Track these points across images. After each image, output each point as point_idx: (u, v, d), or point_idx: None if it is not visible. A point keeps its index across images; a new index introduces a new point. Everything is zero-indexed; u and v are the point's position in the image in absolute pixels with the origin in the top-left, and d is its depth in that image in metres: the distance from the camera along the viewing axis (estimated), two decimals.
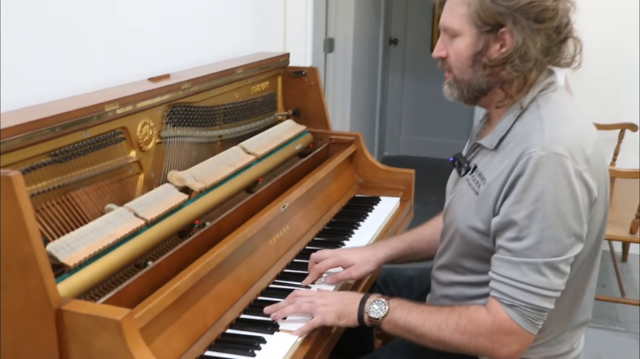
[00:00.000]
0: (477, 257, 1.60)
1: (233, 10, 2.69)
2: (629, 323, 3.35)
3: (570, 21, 1.54)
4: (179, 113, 1.93)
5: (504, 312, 1.47)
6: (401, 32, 6.29)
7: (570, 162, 1.43)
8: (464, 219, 1.60)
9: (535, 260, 1.44)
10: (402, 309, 1.58)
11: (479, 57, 1.53)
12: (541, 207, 1.42)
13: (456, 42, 1.55)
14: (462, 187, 1.66)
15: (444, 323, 1.52)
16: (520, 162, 1.45)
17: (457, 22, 1.54)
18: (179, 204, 1.71)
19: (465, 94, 1.60)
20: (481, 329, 1.49)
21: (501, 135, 1.56)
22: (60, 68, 1.75)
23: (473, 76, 1.56)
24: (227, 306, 1.63)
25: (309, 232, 2.14)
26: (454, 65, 1.58)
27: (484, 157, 1.62)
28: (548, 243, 1.43)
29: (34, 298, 1.22)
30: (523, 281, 1.45)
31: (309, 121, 2.61)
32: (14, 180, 1.18)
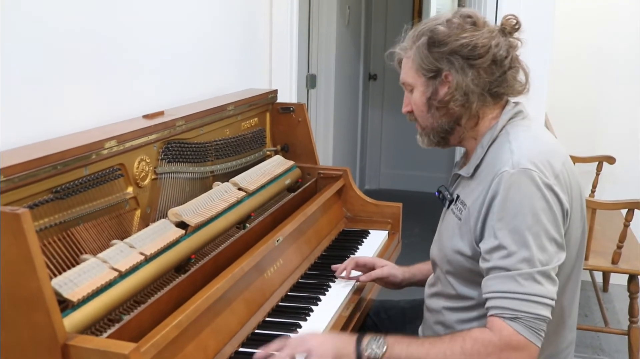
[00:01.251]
0: (465, 280, 1.66)
1: (221, 48, 2.74)
2: (613, 352, 3.40)
3: (510, 54, 1.65)
4: (174, 150, 1.96)
5: (508, 326, 1.48)
6: (380, 67, 6.38)
7: (539, 175, 1.51)
8: (450, 245, 1.67)
9: (529, 271, 1.48)
10: (400, 344, 1.55)
11: (432, 102, 1.68)
12: (522, 221, 1.49)
13: (414, 94, 1.71)
14: (448, 218, 1.74)
15: (448, 349, 1.51)
16: (494, 183, 1.54)
17: (409, 77, 1.71)
18: (176, 239, 1.73)
19: (433, 138, 1.74)
20: (489, 349, 1.48)
21: (476, 164, 1.66)
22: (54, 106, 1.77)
23: (432, 120, 1.70)
24: (226, 339, 1.64)
25: (302, 266, 2.17)
26: (417, 114, 1.73)
27: (464, 187, 1.71)
28: (537, 253, 1.49)
29: (40, 334, 1.23)
30: (521, 291, 1.48)
31: (297, 156, 2.65)
32: (22, 217, 1.19)
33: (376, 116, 6.49)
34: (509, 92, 1.68)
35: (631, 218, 3.04)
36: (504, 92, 1.68)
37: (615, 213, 3.56)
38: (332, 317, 1.88)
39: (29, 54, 1.67)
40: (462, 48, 1.61)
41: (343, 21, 5.06)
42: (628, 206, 3.04)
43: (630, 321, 3.10)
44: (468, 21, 1.65)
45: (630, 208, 3.03)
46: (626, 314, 3.21)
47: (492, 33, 1.64)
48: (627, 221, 3.04)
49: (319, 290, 2.03)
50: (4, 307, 1.24)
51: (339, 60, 4.93)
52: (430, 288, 1.83)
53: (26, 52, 1.66)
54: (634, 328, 3.08)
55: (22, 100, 1.66)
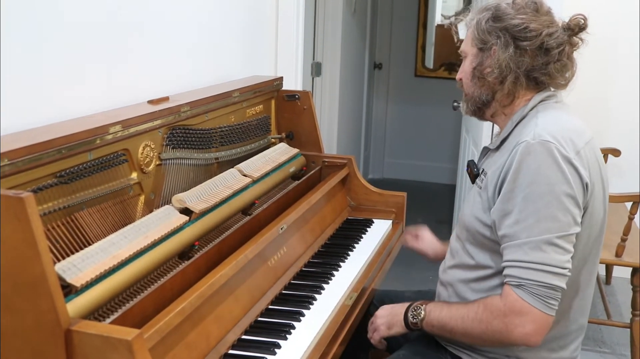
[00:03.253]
0: (483, 248, 1.70)
1: (227, 35, 2.73)
2: (615, 345, 3.40)
3: (563, 48, 1.70)
4: (179, 136, 1.95)
5: (513, 293, 1.56)
6: (385, 56, 6.37)
7: (557, 147, 1.56)
8: (470, 212, 1.73)
9: (535, 239, 1.54)
10: (436, 310, 1.74)
11: (476, 72, 1.76)
12: (536, 189, 1.54)
13: (465, 63, 1.81)
14: (472, 191, 1.79)
15: (466, 314, 1.64)
16: (513, 152, 1.59)
17: (466, 45, 1.80)
18: (180, 225, 1.73)
19: (470, 107, 1.82)
20: (495, 313, 1.58)
21: (504, 137, 1.73)
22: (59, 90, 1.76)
23: (474, 89, 1.78)
24: (229, 326, 1.64)
25: (305, 254, 2.16)
26: (465, 83, 1.82)
27: (489, 159, 1.78)
28: (546, 222, 1.53)
29: (44, 319, 1.23)
30: (526, 259, 1.54)
31: (301, 144, 2.64)
32: (26, 201, 1.18)
33: (381, 105, 6.48)
34: (549, 81, 1.74)
35: (636, 211, 3.03)
36: (543, 80, 1.72)
37: (620, 206, 3.55)
38: (336, 306, 1.88)
39: (33, 39, 1.66)
40: (514, 27, 1.68)
41: (349, 9, 5.03)
42: (633, 199, 3.03)
43: (632, 314, 3.10)
44: (531, 5, 1.71)
45: (634, 201, 3.02)
46: (629, 307, 3.20)
47: (550, 22, 1.71)
48: (631, 214, 3.03)
49: (322, 279, 2.03)
50: (8, 292, 1.23)
51: (345, 48, 4.91)
52: (446, 262, 1.88)
53: (30, 37, 1.65)
54: (636, 320, 3.07)
55: (27, 85, 1.65)
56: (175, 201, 1.80)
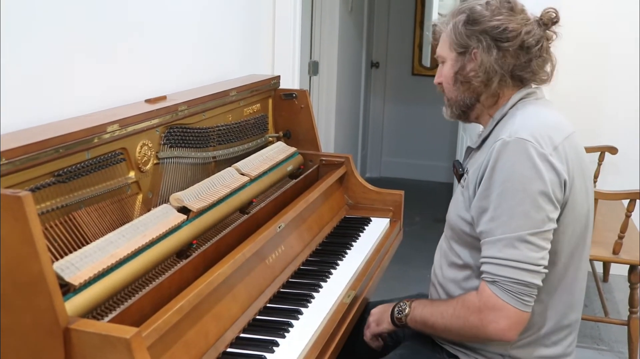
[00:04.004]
0: (467, 246, 1.72)
1: (224, 34, 2.73)
2: (612, 342, 3.41)
3: (541, 44, 1.72)
4: (176, 135, 1.95)
5: (488, 289, 1.59)
6: (382, 55, 6.37)
7: (533, 145, 1.57)
8: (454, 211, 1.75)
9: (508, 236, 1.56)
10: (419, 307, 1.77)
11: (458, 76, 1.76)
12: (509, 186, 1.56)
13: (444, 67, 1.80)
14: (457, 189, 1.81)
15: (445, 311, 1.67)
16: (491, 150, 1.61)
17: (443, 50, 1.79)
18: (178, 224, 1.73)
19: (455, 111, 1.83)
20: (471, 309, 1.62)
21: (484, 136, 1.75)
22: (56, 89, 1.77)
23: (457, 93, 1.79)
24: (227, 325, 1.64)
25: (303, 252, 2.17)
26: (445, 87, 1.82)
27: (471, 158, 1.79)
28: (518, 219, 1.55)
29: (42, 317, 1.23)
30: (500, 256, 1.57)
31: (299, 143, 2.65)
32: (24, 200, 1.18)
33: (378, 104, 6.48)
34: (532, 78, 1.76)
35: (633, 209, 3.03)
36: (527, 78, 1.74)
37: (617, 204, 3.56)
38: (333, 304, 1.88)
39: (31, 38, 1.66)
40: (493, 29, 1.68)
41: (346, 8, 5.03)
42: (630, 197, 3.04)
43: (630, 312, 3.10)
44: (505, 5, 1.72)
45: (631, 198, 3.03)
46: (626, 304, 3.21)
47: (526, 21, 1.71)
48: (628, 212, 3.04)
49: (320, 277, 2.03)
50: (6, 290, 1.23)
51: (342, 47, 4.91)
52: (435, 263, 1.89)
53: (28, 36, 1.65)
54: (633, 318, 3.08)
55: (25, 84, 1.65)
56: (173, 200, 1.81)
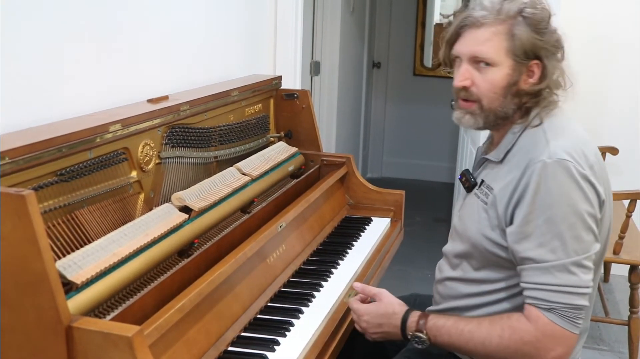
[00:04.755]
0: (490, 265, 1.66)
1: (226, 34, 2.74)
2: (613, 342, 3.41)
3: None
4: (178, 134, 1.96)
5: (544, 317, 1.52)
6: (384, 55, 6.38)
7: (575, 166, 1.51)
8: (477, 229, 1.66)
9: (562, 262, 1.51)
10: (442, 336, 1.63)
11: (512, 87, 1.62)
12: (558, 211, 1.50)
13: (491, 73, 1.61)
14: (471, 201, 1.73)
15: (487, 339, 1.57)
16: (528, 172, 1.54)
17: (495, 54, 1.60)
18: (179, 223, 1.74)
19: (491, 121, 1.66)
20: (525, 338, 1.53)
21: (507, 149, 1.65)
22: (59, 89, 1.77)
23: (502, 104, 1.63)
24: (229, 324, 1.65)
25: (304, 252, 2.17)
26: (484, 94, 1.63)
27: (490, 170, 1.70)
28: (572, 244, 1.50)
29: (45, 315, 1.24)
30: (555, 283, 1.51)
31: (300, 143, 2.65)
32: (28, 199, 1.19)
33: (379, 104, 6.49)
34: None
35: (633, 209, 3.04)
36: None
37: (618, 204, 3.56)
38: (334, 303, 1.89)
39: (32, 36, 1.67)
40: (557, 43, 1.62)
41: (347, 8, 5.04)
42: (630, 197, 3.04)
43: (630, 312, 3.11)
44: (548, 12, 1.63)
45: (632, 199, 3.03)
46: (627, 304, 3.22)
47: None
48: (629, 212, 3.05)
49: (321, 276, 2.04)
50: (9, 289, 1.24)
51: (343, 47, 4.92)
52: (444, 272, 1.82)
53: (30, 34, 1.66)
54: (634, 318, 3.08)
55: (27, 83, 1.66)
56: (175, 200, 1.82)
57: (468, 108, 1.67)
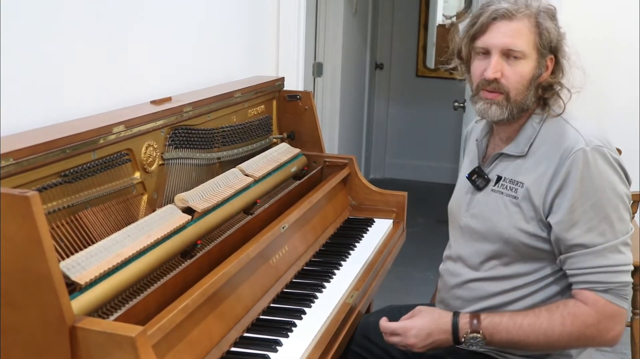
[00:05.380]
0: (523, 259, 1.69)
1: (229, 35, 2.74)
2: None
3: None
4: (181, 136, 1.97)
5: (602, 299, 1.58)
6: (386, 57, 6.38)
7: (609, 151, 1.60)
8: (509, 224, 1.68)
9: (613, 243, 1.58)
10: (499, 333, 1.64)
11: (535, 80, 1.68)
12: (602, 195, 1.57)
13: (521, 65, 1.66)
14: (490, 199, 1.74)
15: (549, 329, 1.60)
16: (567, 161, 1.59)
17: (526, 46, 1.66)
18: (182, 224, 1.74)
19: (515, 113, 1.70)
20: (588, 322, 1.58)
21: (530, 141, 1.69)
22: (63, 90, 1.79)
23: (526, 96, 1.69)
24: (231, 324, 1.66)
25: (307, 253, 2.18)
26: (513, 86, 1.67)
27: (509, 164, 1.73)
28: (618, 224, 1.58)
29: (48, 316, 1.24)
30: (609, 264, 1.58)
31: (303, 144, 2.66)
32: (32, 200, 1.20)
33: (382, 105, 6.49)
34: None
35: (636, 210, 3.04)
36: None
37: None
38: (337, 304, 1.89)
39: (36, 39, 1.67)
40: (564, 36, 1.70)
41: (350, 9, 5.05)
42: (634, 199, 3.04)
43: (633, 313, 3.11)
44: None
45: (634, 200, 3.04)
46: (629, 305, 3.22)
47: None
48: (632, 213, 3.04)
49: (323, 277, 2.05)
50: (13, 289, 1.25)
51: (346, 48, 4.93)
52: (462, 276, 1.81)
53: (33, 37, 1.67)
54: (636, 319, 3.08)
55: (31, 85, 1.67)
56: (178, 201, 1.82)
57: (494, 99, 1.69)
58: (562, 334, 1.60)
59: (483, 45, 1.68)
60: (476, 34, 1.69)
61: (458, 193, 1.89)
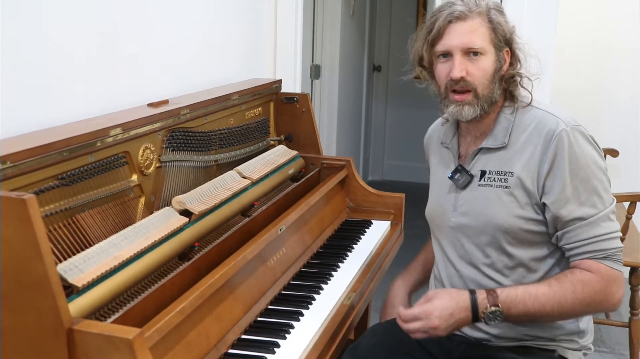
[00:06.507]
0: (523, 244, 1.74)
1: (226, 38, 2.75)
2: (613, 344, 3.42)
3: None
4: (178, 138, 1.97)
5: (603, 265, 1.66)
6: (384, 59, 6.39)
7: (584, 129, 1.70)
8: (506, 213, 1.74)
9: (604, 212, 1.67)
10: (517, 306, 1.66)
11: (497, 73, 1.75)
12: (588, 170, 1.66)
13: (482, 61, 1.73)
14: (478, 194, 1.78)
15: (563, 297, 1.66)
16: (552, 143, 1.68)
17: (484, 42, 1.73)
18: (180, 227, 1.74)
19: (485, 109, 1.76)
20: (596, 287, 1.66)
21: (508, 132, 1.75)
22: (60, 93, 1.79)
23: (492, 90, 1.74)
24: (229, 326, 1.66)
25: (304, 255, 2.18)
26: (479, 82, 1.73)
27: (491, 158, 1.78)
28: (605, 194, 1.68)
29: (46, 318, 1.24)
30: (604, 232, 1.67)
31: (300, 146, 2.66)
32: (29, 203, 1.20)
33: (380, 107, 6.50)
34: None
35: (633, 211, 3.04)
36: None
37: (618, 206, 3.55)
38: (334, 306, 1.90)
39: (34, 42, 1.68)
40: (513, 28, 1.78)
41: (348, 12, 5.05)
42: (630, 199, 3.05)
43: (631, 314, 3.11)
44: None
45: (632, 201, 3.04)
46: (627, 306, 3.22)
47: None
48: (629, 214, 3.05)
49: (321, 279, 2.05)
50: (10, 292, 1.25)
51: (343, 51, 4.94)
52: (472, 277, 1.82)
53: (31, 40, 1.67)
54: (635, 320, 3.09)
55: (28, 88, 1.67)
56: (175, 203, 1.82)
57: (464, 99, 1.74)
58: (575, 302, 1.65)
59: (443, 48, 1.74)
60: (435, 39, 1.75)
61: (437, 197, 1.90)
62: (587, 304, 1.67)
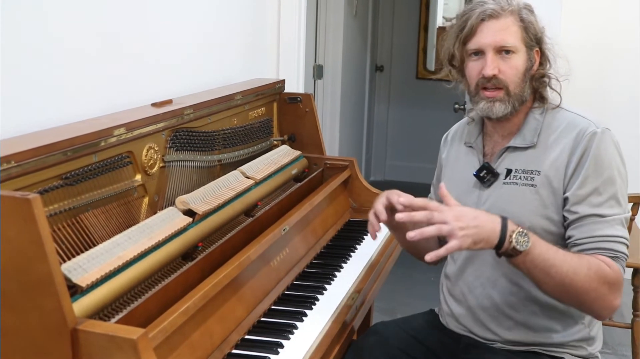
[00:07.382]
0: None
1: (230, 38, 2.75)
2: (616, 346, 3.41)
3: None
4: (182, 138, 1.97)
5: (615, 264, 1.64)
6: (387, 59, 6.39)
7: (613, 135, 1.71)
8: (531, 212, 1.72)
9: (620, 216, 1.67)
10: (541, 246, 1.59)
11: (528, 72, 1.75)
12: (612, 173, 1.67)
13: (514, 59, 1.73)
14: (503, 192, 1.76)
15: (578, 267, 1.61)
16: (582, 142, 1.68)
17: (516, 41, 1.72)
18: (183, 227, 1.74)
19: (516, 107, 1.75)
20: (608, 277, 1.62)
21: (537, 131, 1.75)
22: (64, 93, 1.79)
23: (522, 89, 1.74)
24: (232, 326, 1.66)
25: (307, 255, 2.18)
26: (511, 80, 1.73)
27: (518, 157, 1.77)
28: (623, 201, 1.69)
29: (50, 318, 1.24)
30: (618, 234, 1.66)
31: (303, 146, 2.66)
32: (33, 203, 1.20)
33: (382, 107, 6.50)
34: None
35: (636, 212, 3.04)
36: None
37: None
38: (338, 306, 1.90)
39: (38, 42, 1.68)
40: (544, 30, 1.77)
41: (350, 12, 5.05)
42: (633, 201, 3.04)
43: (633, 315, 3.11)
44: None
45: (635, 202, 3.04)
46: (630, 308, 3.22)
47: None
48: (632, 215, 3.05)
49: (324, 279, 2.05)
50: (14, 291, 1.25)
51: (346, 51, 4.94)
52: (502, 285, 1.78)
53: (36, 40, 1.67)
54: (637, 321, 3.08)
55: (33, 88, 1.67)
56: (179, 203, 1.83)
57: (495, 96, 1.74)
58: (585, 278, 1.60)
59: (476, 46, 1.73)
60: (467, 37, 1.74)
61: (456, 196, 1.84)
62: (594, 289, 1.60)
